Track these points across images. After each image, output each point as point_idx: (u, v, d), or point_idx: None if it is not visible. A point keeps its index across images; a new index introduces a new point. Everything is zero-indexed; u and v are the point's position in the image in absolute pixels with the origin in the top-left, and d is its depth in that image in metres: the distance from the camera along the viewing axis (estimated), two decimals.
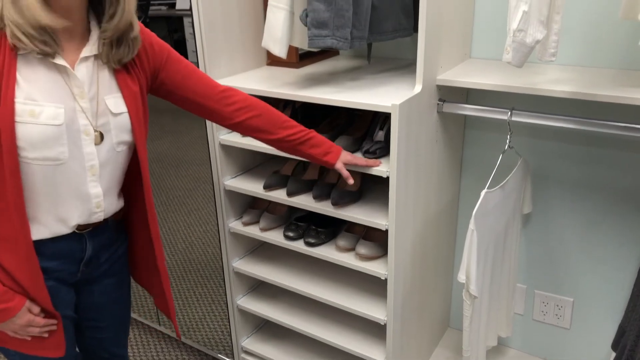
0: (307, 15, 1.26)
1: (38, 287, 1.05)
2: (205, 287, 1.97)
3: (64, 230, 1.07)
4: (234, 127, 1.26)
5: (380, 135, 1.43)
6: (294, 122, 1.29)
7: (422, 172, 1.43)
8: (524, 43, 1.12)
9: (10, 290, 1.03)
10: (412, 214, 1.42)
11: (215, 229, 1.83)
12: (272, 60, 1.72)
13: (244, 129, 1.26)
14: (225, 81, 1.54)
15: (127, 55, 1.05)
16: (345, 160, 1.32)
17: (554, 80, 1.30)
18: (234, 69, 1.61)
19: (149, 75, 1.13)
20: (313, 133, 1.31)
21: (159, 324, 2.20)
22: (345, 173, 1.31)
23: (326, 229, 1.57)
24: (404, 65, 1.65)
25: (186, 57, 1.80)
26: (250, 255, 1.81)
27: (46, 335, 1.11)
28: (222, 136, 1.59)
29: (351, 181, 1.32)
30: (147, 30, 1.13)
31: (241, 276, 1.81)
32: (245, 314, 1.88)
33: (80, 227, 1.10)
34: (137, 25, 1.05)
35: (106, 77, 1.05)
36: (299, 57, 1.67)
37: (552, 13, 1.11)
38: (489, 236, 1.38)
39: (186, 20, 1.72)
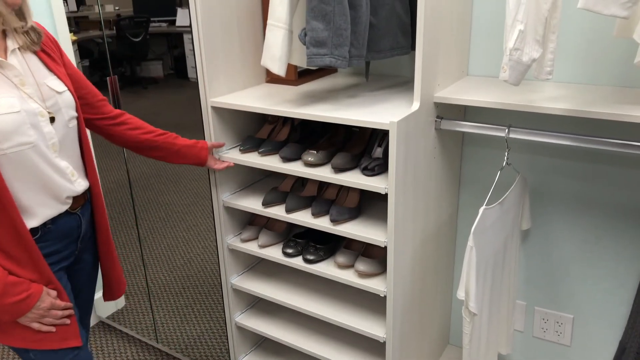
0: (305, 35, 1.28)
1: (44, 271, 1.16)
2: (203, 304, 1.96)
3: (61, 206, 1.20)
4: (116, 126, 1.40)
5: (378, 152, 1.43)
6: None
7: (420, 189, 1.43)
8: (520, 61, 1.13)
9: (26, 280, 1.13)
10: (411, 231, 1.42)
11: (214, 245, 1.82)
12: (271, 77, 1.74)
13: (122, 130, 1.41)
14: (224, 98, 1.55)
15: (38, 38, 1.17)
16: (211, 145, 1.56)
17: (550, 98, 1.31)
18: (233, 86, 1.62)
19: (61, 61, 1.26)
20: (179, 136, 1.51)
21: (157, 342, 2.19)
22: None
23: (325, 245, 1.57)
24: (402, 82, 1.66)
25: (186, 73, 1.81)
26: (248, 272, 1.80)
27: (68, 321, 1.21)
28: (222, 152, 1.59)
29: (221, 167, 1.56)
30: (50, 34, 1.26)
31: (240, 293, 1.80)
32: (244, 331, 1.87)
33: (72, 206, 1.23)
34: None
35: (36, 64, 1.16)
36: (297, 75, 1.68)
37: (548, 32, 1.13)
38: (488, 253, 1.38)
39: (186, 37, 1.74)
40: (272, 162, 1.50)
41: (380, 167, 1.38)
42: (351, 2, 1.28)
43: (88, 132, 2.07)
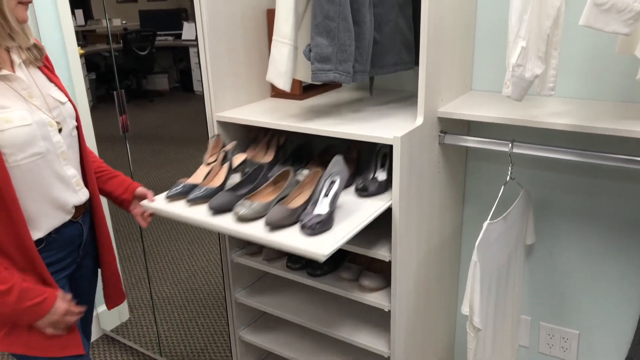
0: (310, 50, 1.29)
1: (48, 281, 1.18)
2: (207, 317, 1.96)
3: (65, 216, 1.23)
4: None
5: (324, 204, 1.21)
6: (103, 163, 1.45)
7: (424, 204, 1.43)
8: (523, 77, 1.14)
9: (39, 286, 1.16)
10: (415, 245, 1.42)
11: (218, 258, 1.83)
12: (277, 92, 1.75)
13: None
14: (230, 112, 1.56)
15: (40, 54, 1.21)
16: (140, 193, 1.44)
17: (553, 113, 1.31)
18: (239, 100, 1.63)
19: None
20: (119, 173, 1.46)
21: (160, 355, 2.18)
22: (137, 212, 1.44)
23: (329, 259, 1.56)
24: (406, 97, 1.67)
25: (191, 86, 1.83)
26: (253, 286, 1.80)
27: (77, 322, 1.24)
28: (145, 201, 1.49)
29: (143, 224, 1.42)
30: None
31: (244, 307, 1.80)
32: (248, 345, 1.86)
33: (75, 215, 1.26)
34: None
35: (39, 76, 1.20)
36: (302, 89, 1.70)
37: (550, 49, 1.14)
38: (492, 268, 1.38)
39: (191, 51, 1.76)
40: (200, 214, 1.28)
41: (322, 225, 1.16)
42: (355, 19, 1.29)
43: (95, 144, 2.09)
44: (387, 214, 1.58)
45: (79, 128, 1.29)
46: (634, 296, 1.56)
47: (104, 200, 2.13)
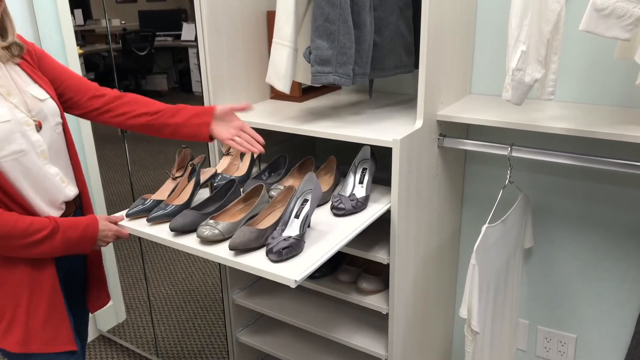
0: (310, 53, 1.29)
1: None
2: (204, 319, 1.95)
3: (57, 212, 1.22)
4: (109, 110, 1.33)
5: (294, 226, 1.14)
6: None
7: (423, 207, 1.43)
8: (522, 82, 1.14)
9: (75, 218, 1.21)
10: (414, 248, 1.42)
11: None
12: (276, 94, 1.75)
13: (119, 121, 1.34)
14: None
15: (20, 51, 1.19)
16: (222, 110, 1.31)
17: (553, 117, 1.31)
18: (238, 101, 1.63)
19: (38, 68, 1.27)
20: (184, 105, 1.34)
21: (157, 356, 2.17)
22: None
23: (327, 261, 1.56)
24: (405, 100, 1.67)
25: (190, 86, 1.83)
26: (250, 287, 1.80)
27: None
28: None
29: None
30: (27, 41, 1.25)
31: (241, 309, 1.79)
32: (245, 347, 1.86)
33: (66, 212, 1.25)
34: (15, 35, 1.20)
35: (19, 74, 1.18)
36: (301, 91, 1.70)
37: (550, 53, 1.14)
38: (490, 271, 1.38)
39: (191, 51, 1.76)
40: (163, 233, 1.21)
41: (290, 251, 1.07)
42: (356, 22, 1.30)
43: (93, 143, 2.09)
44: (385, 216, 1.58)
45: (64, 124, 1.26)
46: (632, 300, 1.56)
47: (100, 201, 2.13)
